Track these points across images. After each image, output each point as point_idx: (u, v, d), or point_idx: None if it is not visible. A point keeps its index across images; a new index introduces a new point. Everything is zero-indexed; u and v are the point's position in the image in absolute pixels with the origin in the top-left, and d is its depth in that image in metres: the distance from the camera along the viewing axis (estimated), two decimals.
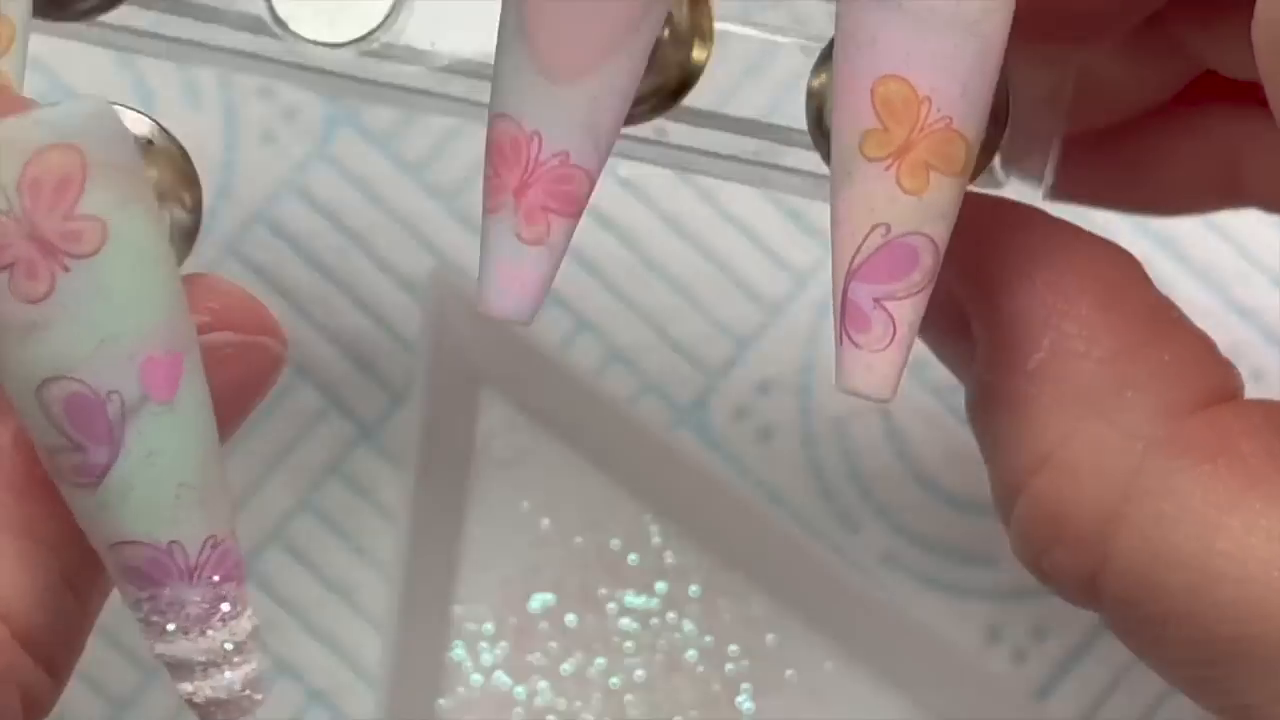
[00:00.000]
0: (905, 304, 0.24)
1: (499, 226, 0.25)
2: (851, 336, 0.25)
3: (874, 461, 0.40)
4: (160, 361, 0.21)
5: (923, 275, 0.24)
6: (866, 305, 0.24)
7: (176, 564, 0.22)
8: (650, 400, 0.40)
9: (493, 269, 0.25)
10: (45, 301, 0.20)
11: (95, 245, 0.20)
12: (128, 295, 0.20)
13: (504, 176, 0.25)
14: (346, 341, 0.40)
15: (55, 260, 0.20)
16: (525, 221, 0.25)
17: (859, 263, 0.25)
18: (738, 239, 0.41)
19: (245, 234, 0.41)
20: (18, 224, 0.19)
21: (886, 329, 0.24)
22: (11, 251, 0.20)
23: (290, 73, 0.30)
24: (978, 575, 0.40)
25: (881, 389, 0.25)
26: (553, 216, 0.25)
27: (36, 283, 0.20)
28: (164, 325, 0.21)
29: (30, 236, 0.20)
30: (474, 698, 0.39)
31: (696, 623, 0.39)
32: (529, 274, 0.25)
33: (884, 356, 0.24)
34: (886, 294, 0.24)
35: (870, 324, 0.24)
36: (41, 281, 0.20)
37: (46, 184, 0.19)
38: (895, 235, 0.24)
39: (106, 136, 0.20)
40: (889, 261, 0.24)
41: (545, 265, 0.25)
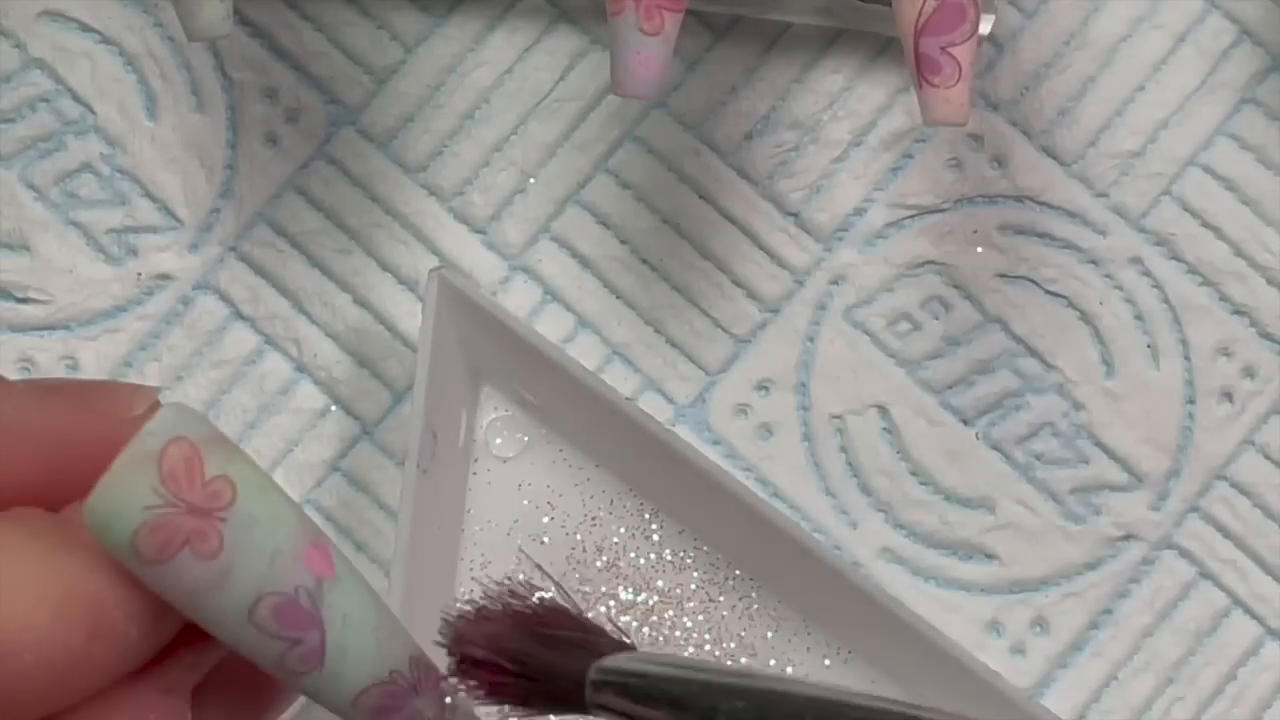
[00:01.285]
0: (963, 48, 0.32)
1: (625, 23, 0.32)
2: (929, 79, 0.32)
3: (872, 458, 0.40)
4: (314, 550, 0.25)
5: (970, 24, 0.32)
6: (935, 53, 0.32)
7: (401, 687, 0.26)
8: (650, 398, 0.41)
9: (624, 57, 0.32)
10: (222, 552, 0.24)
11: (231, 495, 0.24)
12: (270, 516, 0.25)
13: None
14: (347, 341, 0.41)
15: (211, 520, 0.24)
16: (645, 17, 0.32)
17: (923, 22, 0.32)
18: (738, 239, 0.41)
19: (247, 233, 0.41)
20: (175, 508, 0.24)
21: (954, 69, 0.32)
22: (184, 529, 0.24)
23: None
24: (976, 571, 0.40)
25: (959, 116, 0.32)
26: (665, 12, 0.32)
27: (209, 541, 0.24)
28: (302, 526, 0.25)
29: (189, 512, 0.24)
30: None
31: (695, 619, 0.39)
32: (653, 57, 0.32)
33: (957, 90, 0.32)
34: (948, 42, 0.32)
35: (941, 67, 0.32)
36: (212, 539, 0.24)
37: (179, 471, 0.24)
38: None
39: (193, 421, 0.25)
40: (945, 16, 0.32)
41: (663, 51, 0.32)
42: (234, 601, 0.24)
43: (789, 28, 0.41)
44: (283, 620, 0.25)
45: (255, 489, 0.25)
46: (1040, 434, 0.40)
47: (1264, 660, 0.40)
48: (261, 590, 0.24)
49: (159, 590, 0.24)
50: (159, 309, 0.40)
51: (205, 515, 0.24)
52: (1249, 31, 0.41)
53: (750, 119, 0.41)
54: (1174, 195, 0.41)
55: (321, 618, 0.25)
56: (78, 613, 0.24)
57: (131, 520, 0.24)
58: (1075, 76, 0.41)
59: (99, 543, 0.24)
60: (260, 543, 0.24)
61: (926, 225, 0.41)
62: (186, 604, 0.24)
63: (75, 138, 0.41)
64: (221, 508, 0.24)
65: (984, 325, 0.41)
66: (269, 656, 0.25)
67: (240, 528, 0.24)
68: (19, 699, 0.23)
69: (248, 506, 0.24)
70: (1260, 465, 0.40)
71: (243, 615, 0.24)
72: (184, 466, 0.24)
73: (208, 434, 0.25)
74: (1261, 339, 0.41)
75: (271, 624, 0.25)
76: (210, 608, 0.24)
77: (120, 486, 0.24)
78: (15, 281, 0.40)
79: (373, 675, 0.26)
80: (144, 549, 0.24)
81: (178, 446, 0.24)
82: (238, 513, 0.24)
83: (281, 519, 0.25)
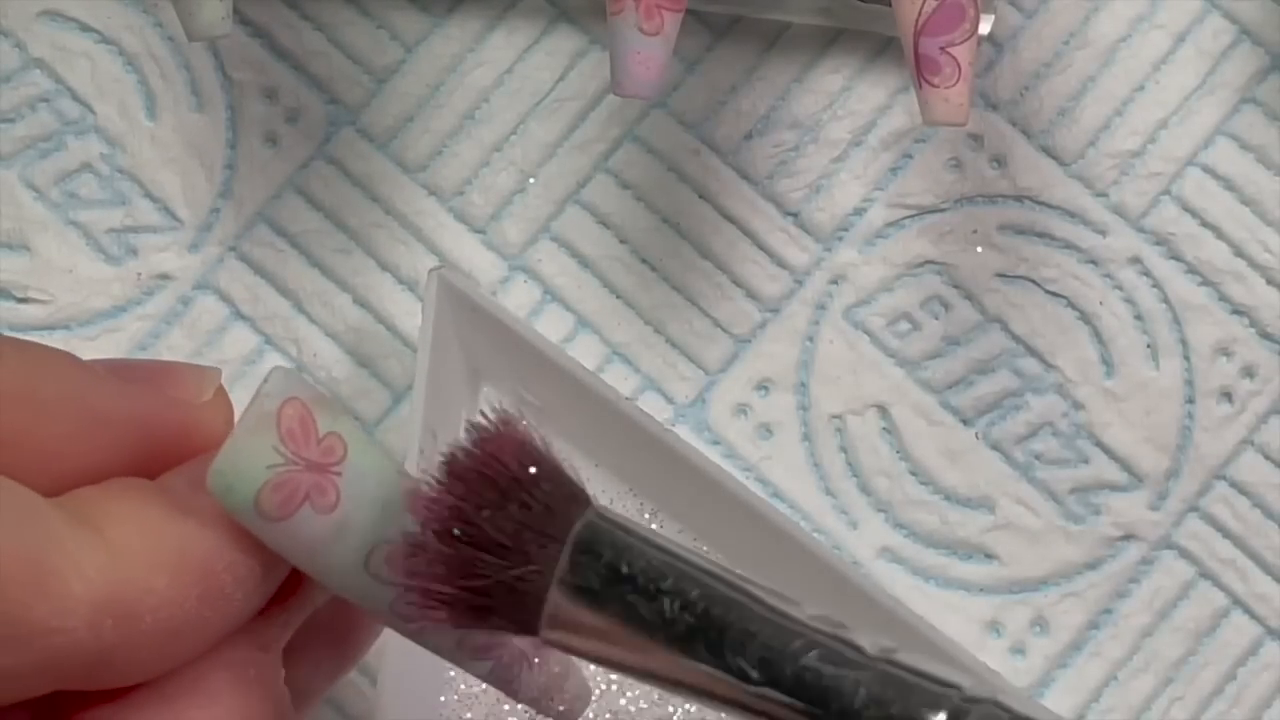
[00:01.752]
0: (962, 48, 0.32)
1: (625, 23, 0.32)
2: (928, 80, 0.32)
3: (872, 458, 0.40)
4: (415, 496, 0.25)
5: (970, 23, 0.32)
6: (935, 53, 0.32)
7: None
8: (650, 398, 0.41)
9: (624, 57, 0.32)
10: (339, 505, 0.25)
11: (343, 450, 0.25)
12: (376, 468, 0.26)
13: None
14: (347, 341, 0.41)
15: (328, 475, 0.25)
16: (645, 17, 0.32)
17: (923, 22, 0.32)
18: (738, 239, 0.41)
19: (247, 233, 0.41)
20: (296, 465, 0.25)
21: (953, 69, 0.32)
22: (304, 485, 0.25)
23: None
24: (976, 571, 0.40)
25: (959, 116, 0.32)
26: (665, 12, 0.32)
27: (327, 496, 0.25)
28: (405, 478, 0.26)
29: (308, 468, 0.25)
30: (474, 694, 0.39)
31: None
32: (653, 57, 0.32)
33: (956, 90, 0.32)
34: (948, 42, 0.32)
35: (941, 67, 0.32)
36: (330, 493, 0.25)
37: (296, 429, 0.25)
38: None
39: (299, 383, 0.25)
40: (945, 16, 0.31)
41: (663, 51, 0.32)
42: (350, 552, 0.25)
43: (789, 28, 0.41)
44: (394, 567, 0.25)
45: (363, 443, 0.26)
46: (1040, 434, 0.40)
47: (1264, 660, 0.40)
48: (376, 540, 0.25)
49: (279, 548, 0.25)
50: (159, 309, 0.40)
51: (322, 471, 0.25)
52: (1249, 31, 0.41)
53: (750, 119, 0.41)
54: (1174, 195, 0.41)
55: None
56: (191, 577, 0.25)
57: (256, 480, 0.25)
58: (1075, 76, 0.41)
59: (223, 505, 0.25)
60: (372, 493, 0.25)
61: (926, 225, 0.41)
62: (305, 559, 0.25)
63: (75, 138, 0.41)
64: (336, 462, 0.25)
65: (984, 325, 0.41)
66: (382, 603, 0.26)
67: (354, 481, 0.25)
68: (137, 659, 0.24)
69: (359, 460, 0.25)
70: (1260, 465, 0.40)
71: (359, 565, 0.25)
72: (300, 425, 0.25)
73: (314, 394, 0.26)
74: (1261, 339, 0.41)
75: (385, 572, 0.25)
76: (328, 560, 0.25)
77: (244, 448, 0.25)
78: (15, 281, 0.40)
79: None
80: (267, 507, 0.25)
81: (292, 407, 0.25)
82: (351, 466, 0.25)
83: (387, 470, 0.26)
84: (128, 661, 0.24)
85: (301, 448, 0.25)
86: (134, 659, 0.24)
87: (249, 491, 0.25)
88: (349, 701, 0.39)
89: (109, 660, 0.24)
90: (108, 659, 0.24)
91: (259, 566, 0.25)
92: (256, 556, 0.25)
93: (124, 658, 0.24)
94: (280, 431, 0.25)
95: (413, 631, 0.26)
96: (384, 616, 0.26)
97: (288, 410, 0.25)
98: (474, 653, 0.27)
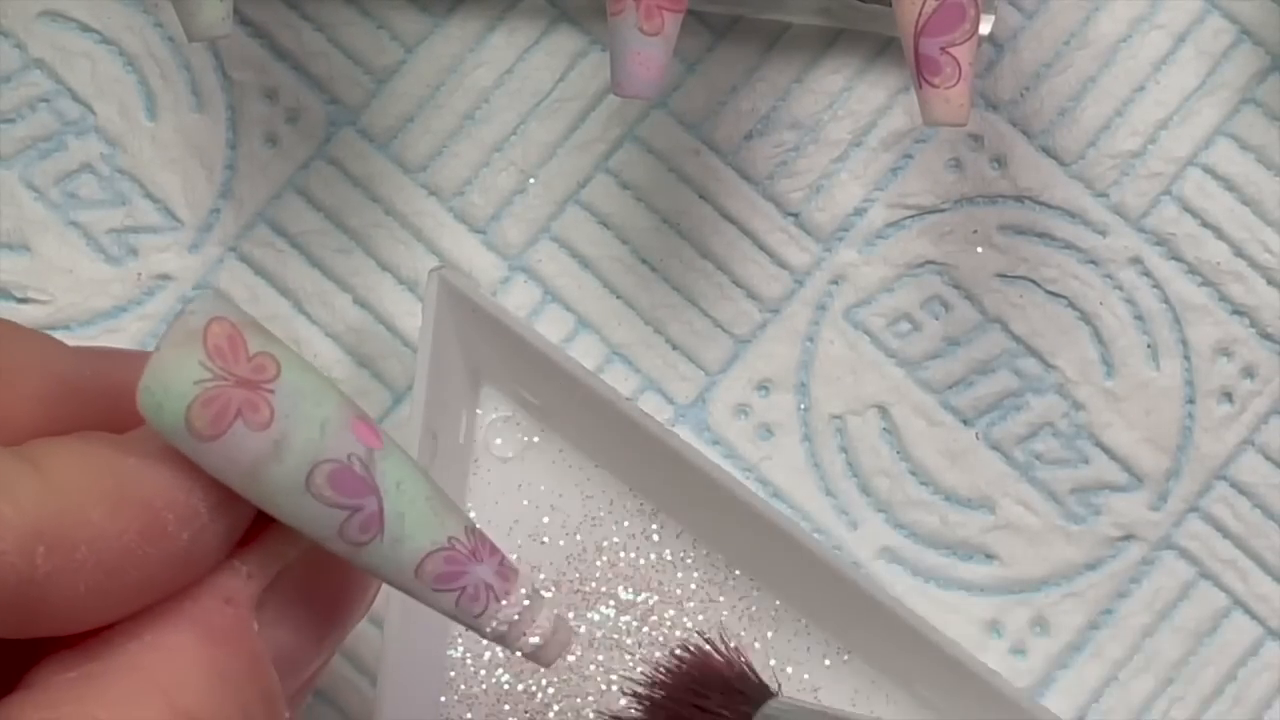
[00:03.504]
0: (963, 48, 0.32)
1: (625, 23, 0.32)
2: (929, 80, 0.32)
3: (872, 458, 0.40)
4: (360, 423, 0.25)
5: (970, 24, 0.32)
6: (935, 53, 0.32)
7: (460, 553, 0.26)
8: (650, 398, 0.41)
9: (624, 57, 0.32)
10: (274, 421, 0.25)
11: (275, 368, 0.25)
12: (315, 389, 0.25)
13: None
14: (347, 341, 0.41)
15: (260, 391, 0.25)
16: (645, 18, 0.32)
17: (923, 22, 0.31)
18: (738, 239, 0.41)
19: (247, 233, 0.41)
20: (225, 381, 0.25)
21: (954, 69, 0.32)
22: (235, 401, 0.25)
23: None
24: (976, 571, 0.40)
25: (959, 116, 0.32)
26: (665, 12, 0.32)
27: (260, 412, 0.25)
28: (345, 401, 0.26)
29: (238, 384, 0.25)
30: (475, 694, 0.39)
31: (695, 619, 0.39)
32: (653, 58, 0.32)
33: (956, 91, 0.32)
34: (948, 42, 0.31)
35: (941, 67, 0.32)
36: (263, 409, 0.25)
37: (224, 345, 0.25)
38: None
39: (229, 305, 0.25)
40: (945, 17, 0.31)
41: (663, 51, 0.32)
42: (290, 472, 0.25)
43: (789, 28, 0.41)
44: (339, 488, 0.25)
45: (297, 365, 0.25)
46: (1040, 434, 0.40)
47: (1264, 660, 0.40)
48: (316, 458, 0.25)
49: (217, 471, 0.25)
50: (159, 309, 0.40)
51: (254, 387, 0.25)
52: (1249, 31, 0.41)
53: (750, 119, 0.41)
54: (1174, 195, 0.41)
55: (377, 484, 0.25)
56: (130, 511, 0.24)
57: (184, 395, 0.24)
58: (1075, 76, 0.41)
59: (154, 426, 0.24)
60: (309, 412, 0.25)
61: (926, 225, 0.41)
62: (244, 480, 0.25)
63: (75, 138, 0.41)
64: (268, 380, 0.25)
65: (984, 325, 0.41)
66: (329, 527, 0.25)
67: (289, 398, 0.25)
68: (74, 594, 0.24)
69: (293, 378, 0.25)
70: (1260, 465, 0.40)
71: (300, 486, 0.25)
72: (228, 343, 0.25)
73: (245, 317, 0.25)
74: (1261, 339, 0.41)
75: (329, 492, 0.25)
76: (267, 481, 0.25)
77: (170, 363, 0.24)
78: (15, 282, 0.40)
79: (432, 540, 0.26)
80: (198, 423, 0.24)
81: (220, 325, 0.25)
82: (284, 384, 0.25)
83: (326, 391, 0.26)
84: (65, 597, 0.24)
85: (231, 364, 0.25)
86: (71, 594, 0.24)
87: (178, 408, 0.24)
88: (349, 701, 0.39)
89: (44, 594, 0.23)
90: (42, 591, 0.23)
91: (204, 507, 0.25)
92: (202, 496, 0.25)
93: (60, 592, 0.24)
94: (207, 347, 0.25)
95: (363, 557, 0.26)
96: (332, 539, 0.26)
97: (215, 328, 0.25)
98: (433, 582, 0.26)
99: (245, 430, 0.25)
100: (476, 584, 0.27)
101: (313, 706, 0.39)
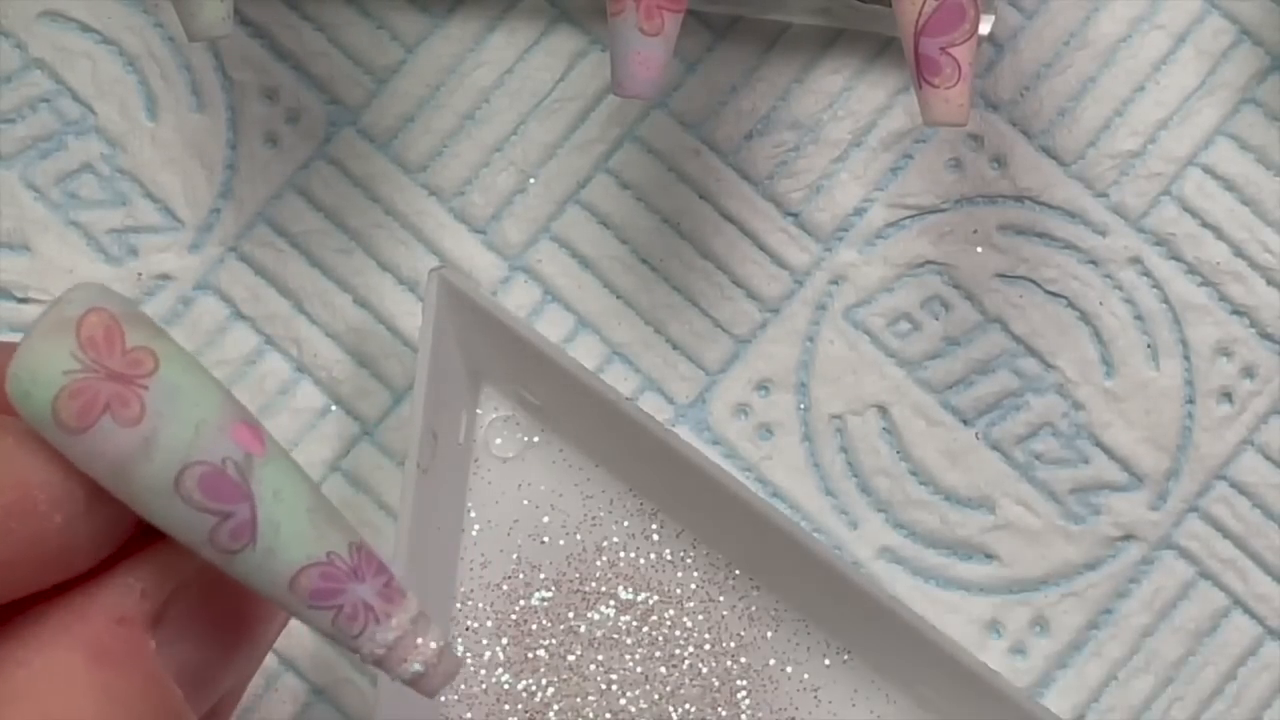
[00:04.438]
0: (962, 48, 0.32)
1: (625, 23, 0.32)
2: (929, 80, 0.32)
3: (872, 458, 0.40)
4: (243, 427, 0.25)
5: (970, 24, 0.32)
6: (935, 54, 0.32)
7: (340, 569, 0.25)
8: (650, 398, 0.41)
9: (624, 57, 0.32)
10: (143, 418, 0.24)
11: (153, 364, 0.24)
12: (195, 388, 0.24)
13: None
14: (347, 341, 0.41)
15: (133, 386, 0.24)
16: (645, 18, 0.32)
17: (923, 22, 0.32)
18: (738, 239, 0.41)
19: (248, 233, 0.41)
20: (95, 373, 0.24)
21: (954, 69, 0.32)
22: (104, 394, 0.24)
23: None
24: (976, 571, 0.40)
25: (959, 116, 0.32)
26: (665, 12, 0.32)
27: (130, 407, 0.24)
28: (229, 403, 0.25)
29: (109, 377, 0.24)
30: (475, 694, 0.39)
31: (695, 619, 0.39)
32: (653, 58, 0.32)
33: (956, 91, 0.32)
34: (948, 43, 0.32)
35: (941, 67, 0.32)
36: (133, 405, 0.24)
37: (98, 336, 0.24)
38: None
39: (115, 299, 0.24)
40: (945, 17, 0.32)
41: (663, 51, 0.32)
42: (158, 472, 0.24)
43: (789, 28, 0.41)
44: (209, 492, 0.24)
45: (179, 362, 0.24)
46: (1040, 434, 0.40)
47: (1264, 660, 0.40)
48: (187, 459, 0.24)
49: (84, 465, 0.24)
50: (159, 309, 0.40)
51: (126, 381, 0.24)
52: (1249, 31, 0.41)
53: (750, 119, 0.41)
54: (1174, 195, 0.41)
55: (251, 491, 0.24)
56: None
57: (51, 385, 0.24)
58: (1075, 76, 0.41)
59: (21, 413, 0.24)
60: (184, 412, 0.24)
61: (926, 225, 0.41)
62: (111, 477, 0.24)
63: (75, 138, 0.41)
64: (143, 375, 0.24)
65: (984, 325, 0.41)
66: (200, 532, 0.24)
67: (163, 395, 0.24)
68: None
69: (171, 375, 0.24)
70: (1260, 465, 0.40)
71: (168, 487, 0.24)
72: (103, 334, 0.24)
73: (129, 311, 0.25)
74: (1261, 339, 0.41)
75: (198, 495, 0.24)
76: (135, 480, 0.24)
77: (39, 351, 0.24)
78: (15, 281, 0.40)
79: (308, 554, 0.25)
80: (64, 415, 0.24)
81: (97, 315, 0.24)
82: (160, 380, 0.24)
83: (207, 391, 0.25)
84: None
85: (103, 356, 0.24)
86: None
87: (45, 397, 0.24)
88: (349, 701, 0.39)
89: None
90: None
91: (82, 494, 0.24)
92: (79, 483, 0.24)
93: None
94: (80, 338, 0.24)
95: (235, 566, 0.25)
96: (203, 546, 0.25)
97: (91, 318, 0.24)
98: (309, 598, 0.25)
99: (113, 425, 0.24)
100: (355, 603, 0.25)
101: (313, 706, 0.39)
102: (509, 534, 0.39)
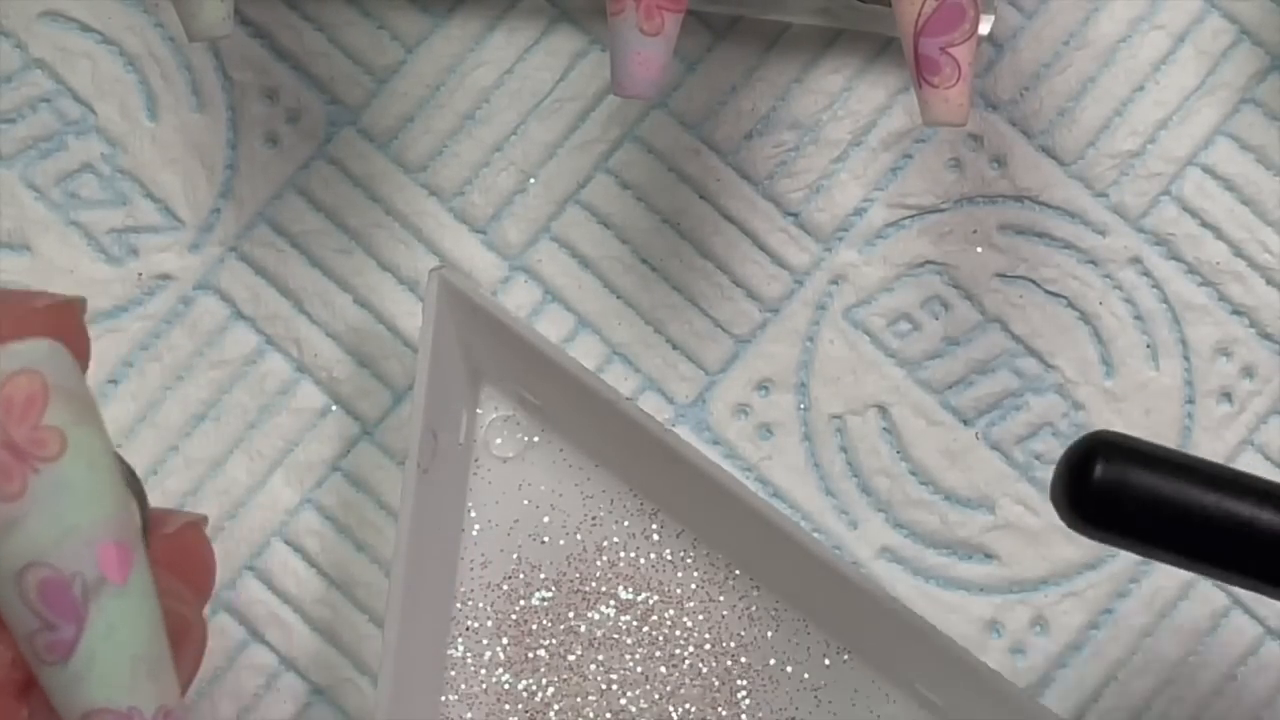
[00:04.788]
0: (962, 48, 0.32)
1: (625, 23, 0.32)
2: (928, 80, 0.32)
3: (872, 458, 0.40)
4: (113, 548, 0.24)
5: (970, 24, 0.32)
6: (934, 54, 0.32)
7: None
8: (650, 398, 0.41)
9: (624, 57, 0.32)
10: (19, 499, 0.23)
11: (57, 451, 0.23)
12: (85, 492, 0.23)
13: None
14: (347, 341, 0.41)
15: (27, 463, 0.23)
16: (645, 18, 0.32)
17: (922, 22, 0.31)
18: (738, 239, 0.41)
19: (248, 233, 0.41)
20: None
21: (953, 69, 0.32)
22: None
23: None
24: (976, 570, 0.40)
25: (958, 116, 0.32)
26: (665, 13, 0.32)
27: (11, 483, 0.23)
28: (115, 520, 0.24)
29: (5, 444, 0.23)
30: (475, 694, 0.39)
31: (695, 619, 0.39)
32: (653, 58, 0.32)
33: (956, 90, 0.32)
34: (947, 42, 0.32)
35: (940, 67, 0.32)
36: (15, 481, 0.23)
37: (17, 401, 0.23)
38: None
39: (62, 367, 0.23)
40: (945, 17, 0.31)
41: (663, 51, 0.32)
42: (8, 555, 0.23)
43: (789, 28, 0.41)
44: (46, 598, 0.24)
45: (85, 458, 0.24)
46: (1040, 434, 0.40)
47: (1263, 660, 0.40)
48: (39, 557, 0.23)
49: None
50: (160, 309, 0.40)
51: (21, 457, 0.23)
52: (1249, 31, 0.41)
53: (750, 119, 0.41)
54: (1173, 195, 0.41)
55: (85, 615, 0.24)
56: None
57: None
58: (1075, 76, 0.41)
59: None
60: (61, 512, 0.23)
61: (926, 225, 0.41)
62: None
63: (76, 138, 0.41)
64: (41, 458, 0.23)
65: (984, 325, 0.41)
66: (21, 629, 0.24)
67: (49, 486, 0.23)
68: None
69: (68, 469, 0.23)
70: (1260, 465, 0.40)
71: (11, 574, 0.23)
72: (24, 399, 0.23)
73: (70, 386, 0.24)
74: (1261, 339, 0.41)
75: (33, 596, 0.24)
76: None
77: None
78: (16, 282, 0.40)
79: (109, 699, 0.24)
80: None
81: (28, 378, 0.23)
82: (55, 470, 0.23)
83: (97, 499, 0.24)
84: None
85: (11, 422, 0.23)
86: None
87: None
88: (349, 701, 0.39)
89: None
90: None
91: None
92: None
93: None
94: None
95: (41, 674, 0.24)
96: (20, 640, 0.24)
97: (21, 379, 0.23)
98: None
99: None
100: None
101: (313, 706, 0.39)
102: (509, 534, 0.39)
